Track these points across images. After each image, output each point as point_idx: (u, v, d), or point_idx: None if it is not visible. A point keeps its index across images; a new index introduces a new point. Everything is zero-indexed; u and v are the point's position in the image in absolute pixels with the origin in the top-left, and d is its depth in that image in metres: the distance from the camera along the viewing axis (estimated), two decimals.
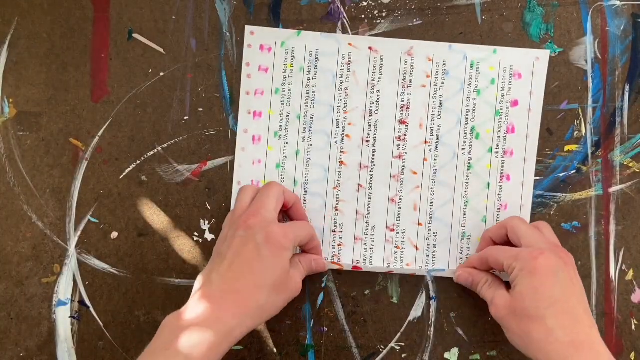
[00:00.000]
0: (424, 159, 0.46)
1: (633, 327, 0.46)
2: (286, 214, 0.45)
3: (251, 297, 0.38)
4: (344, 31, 0.46)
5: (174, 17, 0.46)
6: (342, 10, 0.46)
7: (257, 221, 0.40)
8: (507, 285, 0.41)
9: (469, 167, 0.46)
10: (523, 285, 0.38)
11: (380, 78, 0.46)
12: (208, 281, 0.39)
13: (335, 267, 0.46)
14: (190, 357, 0.35)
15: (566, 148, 0.46)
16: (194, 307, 0.37)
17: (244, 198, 0.43)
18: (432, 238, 0.46)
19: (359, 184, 0.46)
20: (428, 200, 0.46)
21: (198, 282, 0.40)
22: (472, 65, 0.45)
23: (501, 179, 0.46)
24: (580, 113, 0.46)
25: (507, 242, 0.43)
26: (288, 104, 0.46)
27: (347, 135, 0.46)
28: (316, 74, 0.46)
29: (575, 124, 0.46)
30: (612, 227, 0.46)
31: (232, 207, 0.45)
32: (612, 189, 0.46)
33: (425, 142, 0.46)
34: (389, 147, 0.46)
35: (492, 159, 0.46)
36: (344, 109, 0.46)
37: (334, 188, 0.46)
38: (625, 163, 0.46)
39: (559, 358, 0.37)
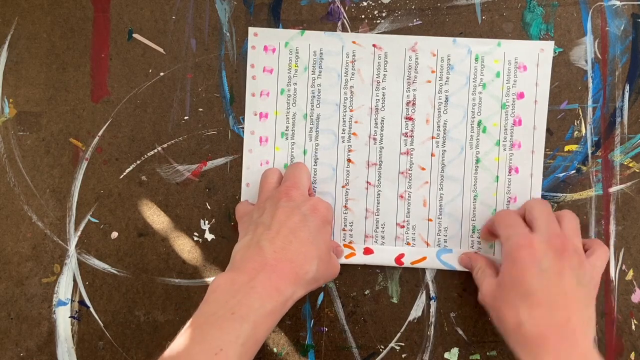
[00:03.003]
0: (432, 155, 0.46)
1: (633, 327, 0.46)
2: None
3: (302, 268, 0.38)
4: (344, 31, 0.46)
5: (174, 17, 0.46)
6: (342, 10, 0.46)
7: (299, 193, 0.40)
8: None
9: (477, 160, 0.46)
10: (504, 272, 0.40)
11: (385, 75, 0.46)
12: (258, 247, 0.38)
13: (349, 250, 0.46)
14: (256, 324, 0.35)
15: (566, 148, 0.46)
16: (251, 272, 0.36)
17: (272, 176, 0.43)
18: (443, 233, 0.46)
19: (367, 182, 0.46)
20: (437, 195, 0.46)
21: (245, 247, 0.38)
22: (476, 59, 0.45)
23: (510, 171, 0.46)
24: (580, 113, 0.46)
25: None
26: (294, 104, 0.46)
27: (354, 134, 0.46)
28: (321, 73, 0.46)
29: (575, 124, 0.46)
30: (612, 227, 0.46)
31: (238, 215, 0.45)
32: (612, 189, 0.46)
33: (433, 138, 0.46)
34: (396, 143, 0.46)
35: (499, 152, 0.46)
36: (350, 107, 0.46)
37: (343, 186, 0.46)
38: (625, 163, 0.46)
39: (526, 350, 0.37)
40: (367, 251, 0.46)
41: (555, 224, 0.40)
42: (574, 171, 0.46)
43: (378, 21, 0.46)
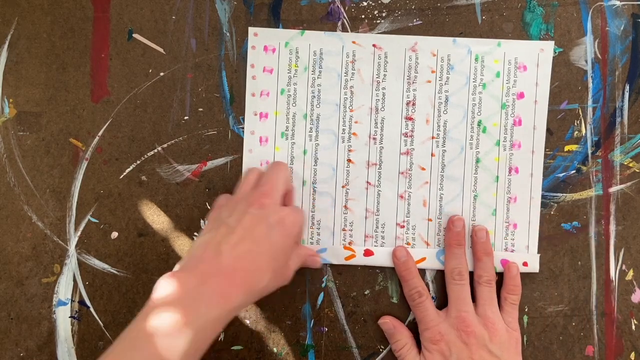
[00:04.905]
0: (432, 155, 0.46)
1: (633, 327, 0.46)
2: None
3: (256, 278, 0.37)
4: (344, 31, 0.46)
5: (174, 17, 0.46)
6: (342, 10, 0.46)
7: (270, 202, 0.40)
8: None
9: (477, 160, 0.46)
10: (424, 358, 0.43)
11: (385, 75, 0.46)
12: (217, 251, 0.37)
13: (349, 252, 0.46)
14: (198, 331, 0.34)
15: (566, 148, 0.46)
16: (202, 276, 0.36)
17: (252, 176, 0.43)
18: (442, 233, 0.46)
19: (367, 182, 0.46)
20: (437, 195, 0.46)
21: (204, 245, 0.38)
22: (476, 59, 0.45)
23: (510, 171, 0.46)
24: (580, 113, 0.46)
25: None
26: (294, 104, 0.46)
27: (354, 134, 0.46)
28: (321, 73, 0.46)
29: (575, 124, 0.46)
30: (612, 227, 0.46)
31: (216, 205, 0.44)
32: (612, 189, 0.46)
33: (433, 138, 0.46)
34: (396, 143, 0.46)
35: (499, 152, 0.46)
36: (350, 107, 0.46)
37: (343, 186, 0.46)
38: (625, 163, 0.46)
39: None
40: (368, 253, 0.46)
41: (464, 305, 0.43)
42: (574, 171, 0.46)
43: (378, 21, 0.46)
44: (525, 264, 0.45)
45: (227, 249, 0.37)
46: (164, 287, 0.35)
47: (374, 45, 0.46)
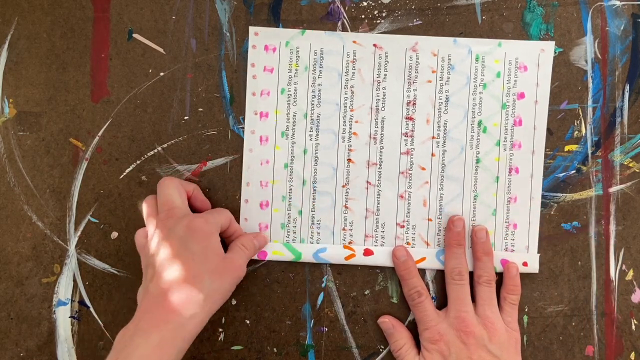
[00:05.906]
0: (432, 154, 0.46)
1: (633, 327, 0.46)
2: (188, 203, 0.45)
3: (192, 291, 0.38)
4: (344, 31, 0.46)
5: (174, 17, 0.46)
6: (342, 10, 0.46)
7: (173, 221, 0.41)
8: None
9: (478, 160, 0.46)
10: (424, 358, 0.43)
11: (385, 75, 0.46)
12: (146, 291, 0.39)
13: (349, 251, 0.46)
14: (144, 356, 0.35)
15: (566, 148, 0.46)
16: (139, 317, 0.38)
17: (150, 207, 0.43)
18: (442, 233, 0.46)
19: (367, 182, 0.46)
20: (437, 195, 0.46)
21: (139, 296, 0.40)
22: (477, 59, 0.45)
23: (510, 171, 0.46)
24: (580, 113, 0.46)
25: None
26: (294, 104, 0.46)
27: (354, 133, 0.46)
28: (321, 73, 0.46)
29: (575, 124, 0.46)
30: (612, 227, 0.46)
31: (137, 247, 0.44)
32: (612, 189, 0.46)
33: (433, 138, 0.46)
34: (397, 143, 0.46)
35: (500, 152, 0.46)
36: (350, 107, 0.46)
37: (343, 186, 0.46)
38: (625, 163, 0.46)
39: None
40: (367, 252, 0.46)
41: (463, 305, 0.43)
42: (574, 171, 0.46)
43: (378, 21, 0.46)
44: (525, 264, 0.45)
45: (154, 284, 0.39)
46: (117, 339, 0.38)
47: (374, 45, 0.46)
